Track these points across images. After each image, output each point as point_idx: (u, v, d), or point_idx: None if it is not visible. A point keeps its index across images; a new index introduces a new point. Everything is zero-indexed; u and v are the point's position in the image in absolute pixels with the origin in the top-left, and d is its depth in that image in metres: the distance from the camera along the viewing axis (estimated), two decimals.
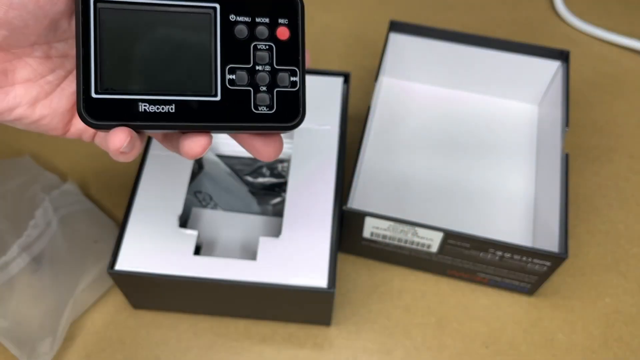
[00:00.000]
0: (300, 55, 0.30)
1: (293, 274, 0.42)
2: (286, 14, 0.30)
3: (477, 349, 0.47)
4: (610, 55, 0.65)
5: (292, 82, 0.30)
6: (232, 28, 0.29)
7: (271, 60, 0.30)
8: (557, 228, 0.45)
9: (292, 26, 0.30)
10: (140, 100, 0.28)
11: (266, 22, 0.29)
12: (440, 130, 0.57)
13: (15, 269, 0.45)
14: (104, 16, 0.28)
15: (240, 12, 0.29)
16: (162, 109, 0.29)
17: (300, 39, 0.30)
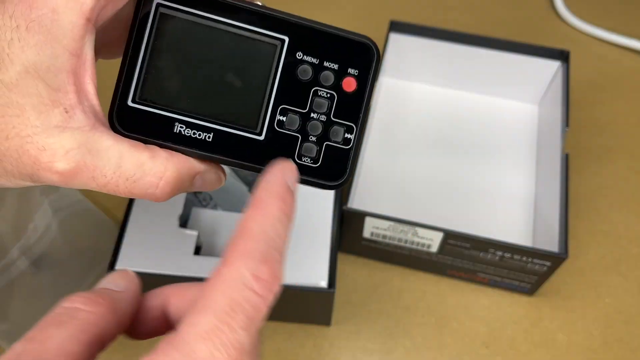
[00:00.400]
0: (363, 112, 0.27)
1: (293, 274, 0.42)
2: (358, 64, 0.27)
3: (477, 349, 0.47)
4: (610, 55, 0.65)
5: (345, 139, 0.27)
6: (296, 66, 0.27)
7: (329, 110, 0.27)
8: (557, 228, 0.45)
9: (361, 79, 0.27)
10: (178, 120, 0.26)
11: (334, 68, 0.27)
12: (441, 130, 0.57)
13: (15, 272, 0.45)
14: (163, 21, 0.26)
15: (309, 52, 0.27)
16: (199, 135, 0.26)
17: (366, 94, 0.27)
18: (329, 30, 0.27)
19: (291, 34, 0.27)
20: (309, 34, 0.27)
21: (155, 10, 0.26)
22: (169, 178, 0.25)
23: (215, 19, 0.26)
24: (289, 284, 0.41)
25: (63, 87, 0.23)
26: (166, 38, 0.26)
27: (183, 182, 0.26)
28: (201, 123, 0.26)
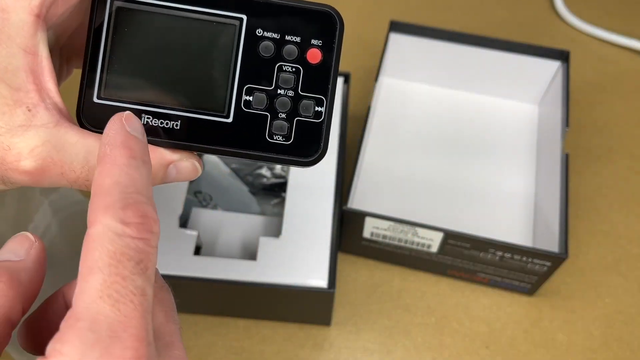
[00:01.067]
0: (331, 83, 0.26)
1: (293, 274, 0.42)
2: (321, 34, 0.26)
3: (477, 349, 0.47)
4: (610, 55, 0.65)
5: (316, 112, 0.26)
6: (257, 44, 0.26)
7: (296, 84, 0.26)
8: (557, 228, 0.45)
9: (326, 49, 0.26)
10: (144, 111, 0.26)
11: (297, 41, 0.26)
12: (440, 130, 0.57)
13: None
14: (120, 14, 0.26)
15: (268, 27, 0.26)
16: (167, 124, 0.26)
17: (333, 64, 0.26)
18: (287, 3, 0.26)
19: (249, 11, 0.26)
20: (267, 10, 0.26)
21: (110, 4, 0.26)
22: None
23: (171, 6, 0.26)
24: (289, 284, 0.41)
25: (23, 86, 0.23)
26: (124, 31, 0.26)
27: (156, 173, 0.26)
28: (167, 112, 0.26)
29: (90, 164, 0.24)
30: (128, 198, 0.20)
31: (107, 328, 0.18)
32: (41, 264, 0.23)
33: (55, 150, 0.24)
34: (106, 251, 0.19)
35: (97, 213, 0.20)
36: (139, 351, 0.18)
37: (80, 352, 0.18)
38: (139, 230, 0.20)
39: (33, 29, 0.23)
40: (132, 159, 0.21)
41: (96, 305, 0.18)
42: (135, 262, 0.19)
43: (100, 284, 0.19)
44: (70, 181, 0.24)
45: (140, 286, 0.19)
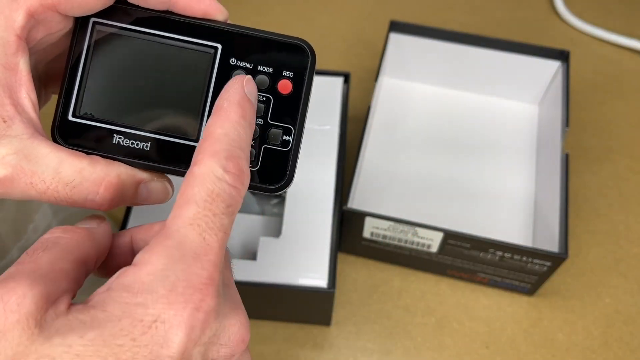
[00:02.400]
0: (300, 113, 0.27)
1: (293, 274, 0.42)
2: (293, 67, 0.27)
3: (477, 349, 0.47)
4: (610, 55, 0.65)
5: (284, 141, 0.27)
6: (230, 72, 0.27)
7: (266, 113, 0.27)
8: (557, 228, 0.45)
9: (296, 81, 0.27)
10: (116, 132, 0.27)
11: (269, 71, 0.27)
12: (440, 130, 0.57)
13: None
14: (99, 38, 0.27)
15: (242, 57, 0.27)
16: (137, 145, 0.27)
17: (303, 95, 0.27)
18: (261, 35, 0.27)
19: (224, 41, 0.27)
20: (241, 40, 0.27)
21: (91, 27, 0.27)
22: (109, 184, 0.26)
23: (149, 32, 0.27)
24: (289, 284, 0.41)
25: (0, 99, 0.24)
26: (103, 53, 0.27)
27: (125, 190, 0.27)
28: (139, 133, 0.27)
29: (60, 176, 0.25)
30: (232, 150, 0.23)
31: (191, 250, 0.21)
32: (109, 234, 0.26)
33: (26, 159, 0.24)
34: (205, 189, 0.22)
35: (205, 155, 0.23)
36: (213, 274, 0.21)
37: (165, 264, 0.21)
38: (234, 180, 0.23)
39: (14, 48, 0.25)
40: (242, 119, 0.24)
41: (186, 229, 0.21)
42: (226, 205, 0.22)
43: (193, 213, 0.22)
44: (40, 192, 0.25)
45: (225, 225, 0.22)
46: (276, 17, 0.67)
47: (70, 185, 0.25)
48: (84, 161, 0.25)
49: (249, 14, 0.67)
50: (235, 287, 0.25)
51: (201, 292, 0.21)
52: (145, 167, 0.27)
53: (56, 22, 0.26)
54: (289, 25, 0.67)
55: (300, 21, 0.67)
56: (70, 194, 0.25)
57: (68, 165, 0.25)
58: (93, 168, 0.25)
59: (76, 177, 0.25)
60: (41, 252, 0.22)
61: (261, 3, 0.69)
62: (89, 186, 0.25)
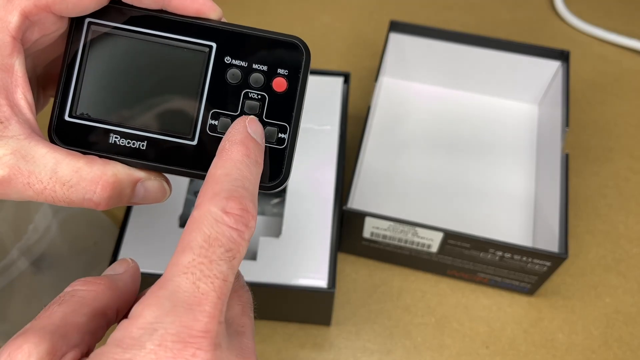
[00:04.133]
0: (295, 111, 0.27)
1: (293, 274, 0.42)
2: (288, 64, 0.27)
3: (477, 349, 0.47)
4: (610, 55, 0.65)
5: (279, 139, 0.27)
6: (225, 71, 0.27)
7: (261, 111, 0.27)
8: (557, 228, 0.45)
9: (291, 79, 0.27)
10: (112, 131, 0.27)
11: (263, 69, 0.27)
12: (440, 130, 0.57)
13: (15, 272, 0.45)
14: (94, 38, 0.27)
15: (237, 55, 0.27)
16: (133, 144, 0.27)
17: (297, 93, 0.27)
18: (255, 33, 0.27)
19: (218, 40, 0.27)
20: (236, 39, 0.27)
21: (86, 28, 0.27)
22: (106, 183, 0.26)
23: (144, 32, 0.27)
24: (289, 284, 0.41)
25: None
26: (98, 54, 0.27)
27: (123, 189, 0.27)
28: (135, 132, 0.27)
29: (57, 176, 0.25)
30: (234, 190, 0.22)
31: (183, 300, 0.20)
32: (135, 279, 0.25)
33: (23, 160, 0.24)
34: (202, 234, 0.21)
35: (204, 198, 0.22)
36: (208, 326, 0.20)
37: (155, 316, 0.20)
38: (236, 221, 0.22)
39: (9, 49, 0.25)
40: (246, 157, 0.24)
41: (179, 278, 0.21)
42: (225, 249, 0.21)
43: (188, 261, 0.21)
44: (37, 192, 0.25)
45: (224, 272, 0.21)
46: (276, 17, 0.67)
47: (67, 184, 0.25)
48: (81, 161, 0.26)
49: (249, 13, 0.67)
50: (251, 336, 0.23)
51: (192, 346, 0.20)
52: (142, 166, 0.27)
53: (51, 23, 0.26)
54: (289, 25, 0.67)
55: (301, 21, 0.67)
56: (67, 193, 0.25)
57: (65, 165, 0.25)
58: (90, 167, 0.26)
59: (73, 176, 0.25)
60: (57, 306, 0.22)
61: (262, 3, 0.69)
62: (86, 185, 0.25)
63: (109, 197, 0.26)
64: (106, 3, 0.26)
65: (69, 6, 0.25)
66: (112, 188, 0.26)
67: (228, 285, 0.21)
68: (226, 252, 0.21)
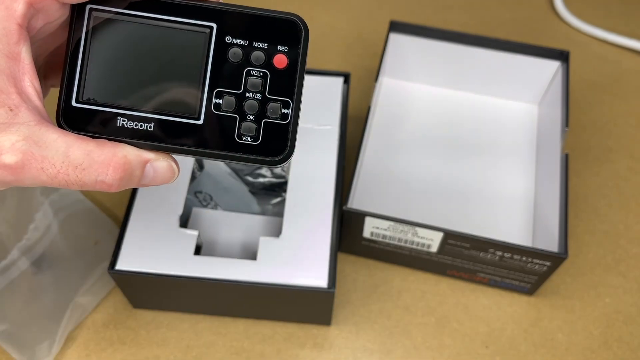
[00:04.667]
0: (297, 86, 0.28)
1: (293, 274, 0.42)
2: (287, 41, 0.28)
3: (476, 349, 0.47)
4: (610, 55, 0.65)
5: (283, 114, 0.28)
6: (226, 50, 0.28)
7: (264, 88, 0.28)
8: (557, 228, 0.45)
9: (291, 55, 0.28)
10: (120, 114, 0.28)
11: (264, 47, 0.28)
12: (440, 130, 0.57)
13: (16, 272, 0.45)
14: (97, 24, 0.27)
15: (237, 35, 0.28)
16: (141, 126, 0.28)
17: (298, 69, 0.28)
18: (254, 12, 0.28)
19: (218, 20, 0.28)
20: (235, 18, 0.28)
21: (88, 14, 0.27)
22: (117, 165, 0.26)
23: (145, 15, 0.27)
24: (289, 284, 0.41)
25: (5, 88, 0.25)
26: (101, 39, 0.27)
27: (133, 170, 0.27)
28: (141, 115, 0.28)
29: (70, 159, 0.26)
30: None
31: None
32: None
33: (36, 145, 0.25)
34: None
35: None
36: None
37: None
38: None
39: (16, 37, 0.25)
40: None
41: None
42: None
43: None
44: (51, 176, 0.25)
45: None
46: None
47: (80, 167, 0.26)
48: (91, 144, 0.26)
49: None
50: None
51: None
52: (150, 147, 0.28)
53: (54, 10, 0.26)
54: None
55: None
56: (80, 176, 0.26)
57: (76, 149, 0.26)
58: (101, 150, 0.26)
59: (85, 159, 0.26)
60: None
61: (262, 3, 0.69)
62: (98, 168, 0.26)
63: (121, 179, 0.26)
64: None
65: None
66: (123, 169, 0.26)
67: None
68: None
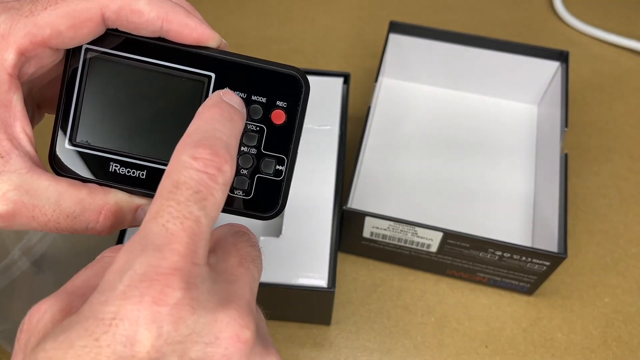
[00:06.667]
0: (293, 143, 0.28)
1: (293, 273, 0.42)
2: (287, 97, 0.27)
3: (476, 348, 0.47)
4: (609, 55, 0.65)
5: (276, 171, 0.28)
6: None
7: (259, 143, 0.27)
8: (556, 228, 0.45)
9: (290, 111, 0.27)
10: (112, 160, 0.27)
11: (262, 101, 0.27)
12: (440, 130, 0.57)
13: (16, 272, 0.45)
14: (92, 65, 0.27)
15: (236, 86, 0.27)
16: (133, 173, 0.27)
17: (296, 126, 0.27)
18: (255, 64, 0.27)
19: (218, 70, 0.27)
20: (235, 69, 0.27)
21: (84, 55, 0.27)
22: (108, 212, 0.26)
23: (142, 60, 0.27)
24: (289, 284, 0.41)
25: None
26: (96, 81, 0.27)
27: (124, 216, 0.27)
28: (134, 161, 0.27)
29: (61, 208, 0.25)
30: (203, 139, 0.22)
31: (152, 242, 0.20)
32: None
33: (27, 194, 0.25)
34: (170, 180, 0.21)
35: (175, 151, 0.22)
36: (178, 264, 0.19)
37: (126, 259, 0.20)
38: (205, 165, 0.21)
39: (7, 86, 0.25)
40: (218, 114, 0.23)
41: (149, 223, 0.20)
42: (193, 191, 0.21)
43: (157, 206, 0.21)
44: (41, 224, 0.25)
45: (194, 212, 0.20)
46: (277, 17, 0.68)
47: (71, 216, 0.25)
48: (83, 191, 0.26)
49: (249, 15, 0.68)
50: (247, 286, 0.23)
51: (160, 283, 0.19)
52: (142, 194, 0.28)
53: (47, 56, 0.26)
54: (290, 26, 0.67)
55: (301, 21, 0.67)
56: (71, 224, 0.25)
57: (68, 197, 0.25)
58: (92, 198, 0.26)
59: (76, 207, 0.25)
60: (83, 270, 0.23)
61: (262, 3, 0.69)
62: (89, 215, 0.26)
63: (112, 225, 0.26)
64: (102, 32, 0.26)
65: (66, 40, 0.25)
66: (114, 216, 0.26)
67: (202, 227, 0.20)
68: (195, 194, 0.21)
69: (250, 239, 0.25)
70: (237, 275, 0.23)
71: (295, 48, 0.65)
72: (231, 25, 0.66)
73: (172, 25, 0.26)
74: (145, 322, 0.19)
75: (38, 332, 0.20)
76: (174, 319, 0.19)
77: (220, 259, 0.23)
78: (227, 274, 0.22)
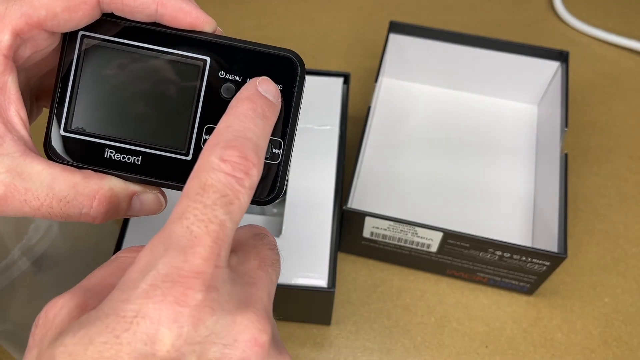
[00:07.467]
0: (290, 126, 0.27)
1: (293, 273, 0.42)
2: (282, 79, 0.27)
3: (476, 348, 0.47)
4: (609, 55, 0.65)
5: (273, 154, 0.27)
6: (219, 85, 0.27)
7: None
8: (557, 228, 0.45)
9: (286, 93, 0.27)
10: (107, 146, 0.27)
11: None
12: (440, 130, 0.57)
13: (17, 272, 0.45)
14: (88, 52, 0.27)
15: (231, 70, 0.27)
16: (128, 159, 0.27)
17: (293, 108, 0.27)
18: (250, 47, 0.27)
19: (212, 54, 0.27)
20: (230, 53, 0.27)
21: (80, 41, 0.27)
22: (102, 197, 0.26)
23: (137, 45, 0.27)
24: (289, 284, 0.41)
25: None
26: (92, 67, 0.27)
27: (119, 203, 0.27)
28: (130, 147, 0.27)
29: (54, 192, 0.25)
30: (233, 140, 0.22)
31: (176, 243, 0.20)
32: None
33: (19, 177, 0.24)
34: (198, 181, 0.21)
35: (205, 150, 0.22)
36: (201, 267, 0.20)
37: (149, 259, 0.20)
38: (233, 168, 0.21)
39: (2, 68, 0.25)
40: (251, 111, 0.23)
41: (174, 225, 0.20)
42: (220, 195, 0.21)
43: (183, 207, 0.21)
44: (34, 208, 0.25)
45: (219, 216, 0.20)
46: (277, 17, 0.68)
47: (64, 200, 0.25)
48: (77, 176, 0.26)
49: (249, 15, 0.68)
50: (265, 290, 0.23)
51: (182, 285, 0.19)
52: (137, 181, 0.27)
53: (43, 39, 0.26)
54: (290, 26, 0.67)
55: (301, 21, 0.67)
56: (64, 209, 0.25)
57: (61, 181, 0.25)
58: (86, 182, 0.26)
59: (70, 192, 0.25)
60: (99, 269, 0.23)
61: (262, 3, 0.69)
62: (82, 200, 0.25)
63: (106, 212, 0.26)
64: (98, 17, 0.26)
65: (61, 22, 0.25)
66: (108, 202, 0.26)
67: (226, 231, 0.21)
68: (222, 198, 0.21)
69: (270, 242, 0.25)
70: (256, 278, 0.23)
71: (295, 48, 0.65)
72: (231, 25, 0.66)
73: (166, 9, 0.26)
74: (166, 321, 0.19)
75: (55, 327, 0.20)
76: (194, 320, 0.19)
77: (241, 261, 0.23)
78: (247, 277, 0.23)
